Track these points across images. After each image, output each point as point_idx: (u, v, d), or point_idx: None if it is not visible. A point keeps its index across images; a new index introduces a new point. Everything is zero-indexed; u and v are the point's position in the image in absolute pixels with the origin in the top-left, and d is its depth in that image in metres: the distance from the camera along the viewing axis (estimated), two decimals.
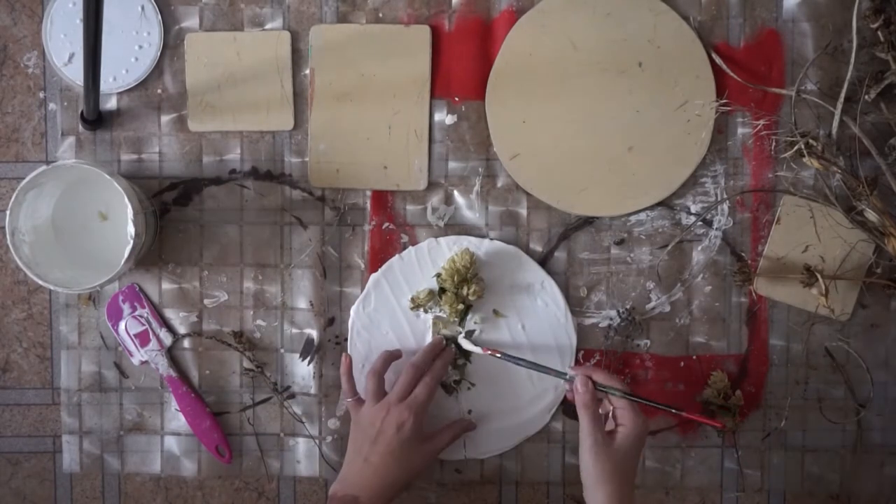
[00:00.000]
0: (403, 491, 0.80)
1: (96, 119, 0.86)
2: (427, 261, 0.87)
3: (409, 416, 0.79)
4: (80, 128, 0.87)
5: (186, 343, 0.89)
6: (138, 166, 0.88)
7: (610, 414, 0.77)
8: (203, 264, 0.88)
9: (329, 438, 0.89)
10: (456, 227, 0.88)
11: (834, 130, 0.83)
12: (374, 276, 0.87)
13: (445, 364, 0.85)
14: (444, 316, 0.86)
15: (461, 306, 0.85)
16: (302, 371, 0.88)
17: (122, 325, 0.88)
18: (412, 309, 0.87)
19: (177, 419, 0.88)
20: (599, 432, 0.75)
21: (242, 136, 0.88)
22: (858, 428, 0.88)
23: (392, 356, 0.84)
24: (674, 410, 0.78)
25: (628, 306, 0.87)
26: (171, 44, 0.87)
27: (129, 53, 0.86)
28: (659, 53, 0.86)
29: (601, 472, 0.73)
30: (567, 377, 0.80)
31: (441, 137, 0.87)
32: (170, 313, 0.89)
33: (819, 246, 0.86)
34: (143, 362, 0.88)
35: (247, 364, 0.89)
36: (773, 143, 0.86)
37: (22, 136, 0.88)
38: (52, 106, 0.88)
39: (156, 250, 0.88)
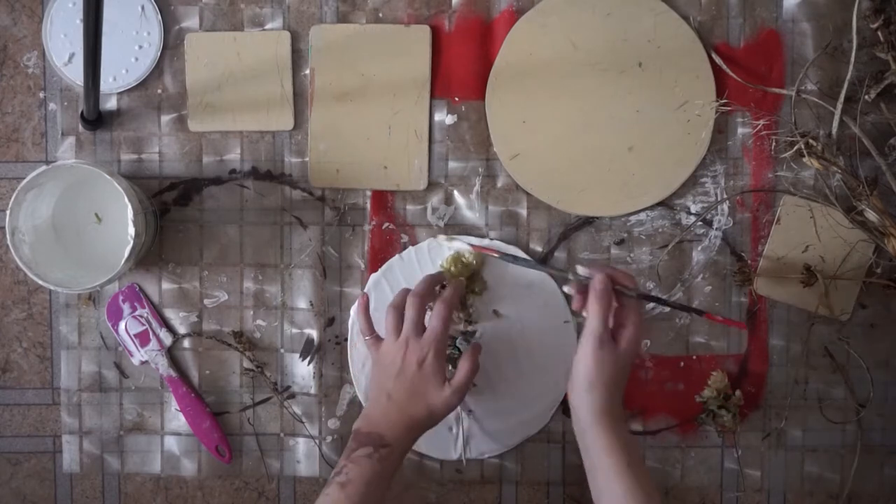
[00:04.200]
0: (428, 429, 0.78)
1: (96, 119, 0.86)
2: (427, 261, 0.87)
3: (429, 351, 0.76)
4: (80, 128, 0.87)
5: (186, 343, 0.89)
6: (138, 166, 0.88)
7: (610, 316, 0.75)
8: (203, 264, 0.88)
9: (329, 438, 0.89)
10: (456, 227, 0.88)
11: (834, 130, 0.83)
12: (374, 276, 0.87)
13: (455, 291, 0.81)
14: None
15: (468, 300, 0.85)
16: (302, 371, 0.88)
17: (122, 325, 0.88)
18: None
19: (177, 419, 0.88)
20: (606, 332, 0.72)
21: (242, 136, 0.88)
22: (858, 428, 0.88)
23: (410, 291, 0.81)
24: (695, 312, 0.78)
25: None
26: (171, 44, 0.87)
27: (129, 53, 0.86)
28: (659, 53, 0.86)
29: (600, 375, 0.71)
30: (570, 276, 0.76)
31: (441, 137, 0.87)
32: (170, 313, 0.89)
33: (819, 246, 0.86)
34: (143, 362, 0.88)
35: (247, 364, 0.89)
36: (773, 143, 0.86)
37: (22, 136, 0.88)
38: (52, 106, 0.88)
39: (156, 250, 0.88)
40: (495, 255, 0.80)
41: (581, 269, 0.76)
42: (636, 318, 0.74)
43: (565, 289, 0.78)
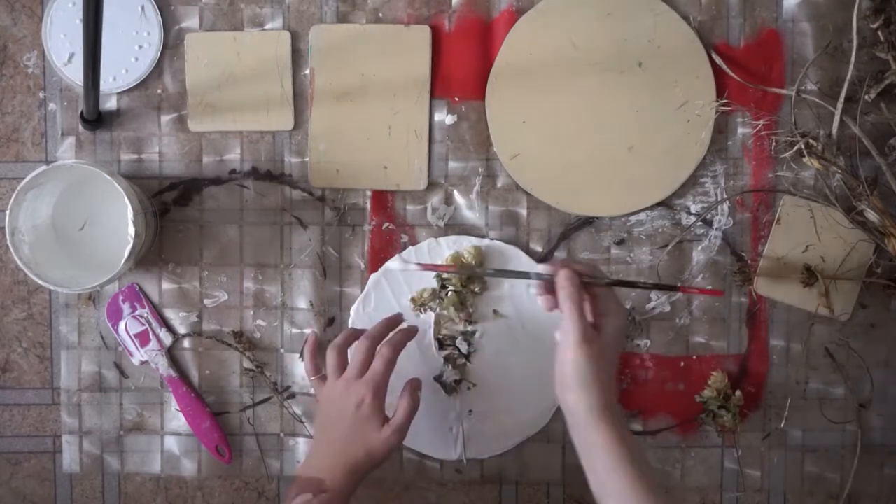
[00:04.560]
0: (367, 475, 0.76)
1: (96, 119, 0.86)
2: (427, 261, 0.87)
3: (368, 393, 0.75)
4: (80, 128, 0.87)
5: (186, 343, 0.89)
6: (138, 166, 0.88)
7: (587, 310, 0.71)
8: (203, 264, 0.88)
9: None
10: (456, 227, 0.88)
11: (834, 130, 0.83)
12: (374, 276, 0.87)
13: (406, 336, 0.79)
14: (447, 314, 0.86)
15: (468, 300, 0.85)
16: (302, 371, 0.88)
17: (122, 325, 0.88)
18: (413, 309, 0.87)
19: (177, 419, 0.88)
20: (587, 327, 0.68)
21: (242, 136, 0.88)
22: (858, 428, 0.88)
23: (356, 333, 0.80)
24: (668, 289, 0.74)
25: (628, 306, 0.87)
26: (171, 44, 0.87)
27: (129, 53, 0.86)
28: (659, 53, 0.86)
29: (592, 370, 0.67)
30: (533, 276, 0.72)
31: (441, 137, 0.87)
32: (170, 313, 0.89)
33: (819, 246, 0.86)
34: (143, 362, 0.88)
35: (247, 364, 0.89)
36: (773, 143, 0.86)
37: (22, 136, 0.88)
38: (52, 106, 0.88)
39: (156, 250, 0.88)
40: (449, 271, 0.80)
41: (542, 268, 0.72)
42: (615, 306, 0.71)
43: (531, 290, 0.74)
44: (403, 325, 0.82)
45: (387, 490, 0.89)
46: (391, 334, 0.80)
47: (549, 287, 0.71)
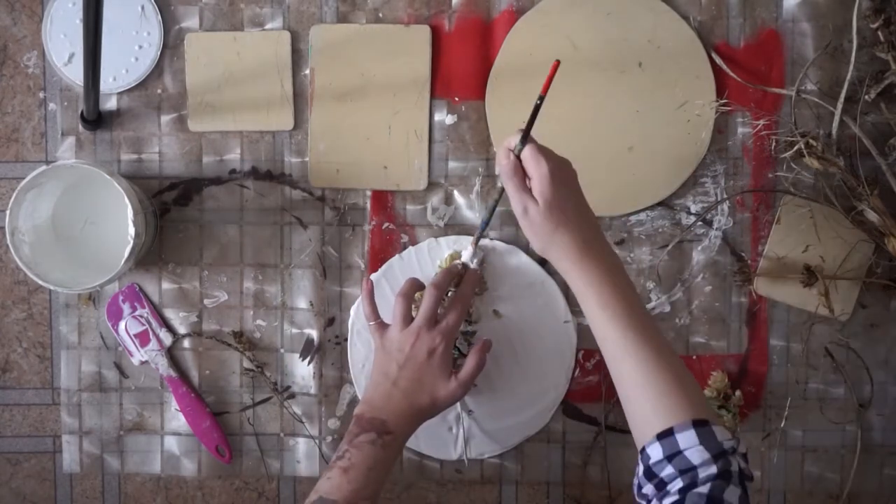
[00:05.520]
0: (429, 419, 0.78)
1: (96, 119, 0.86)
2: (427, 261, 0.87)
3: (441, 342, 0.77)
4: (80, 128, 0.87)
5: (186, 343, 0.89)
6: (138, 166, 0.88)
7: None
8: (203, 264, 0.88)
9: (329, 438, 0.89)
10: (456, 227, 0.88)
11: (834, 130, 0.83)
12: (374, 275, 0.87)
13: (472, 286, 0.81)
14: None
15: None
16: (302, 371, 0.88)
17: (122, 325, 0.88)
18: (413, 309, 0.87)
19: (177, 419, 0.88)
20: (527, 197, 0.70)
21: (242, 136, 0.88)
22: (858, 428, 0.88)
23: (420, 284, 0.81)
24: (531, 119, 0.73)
25: None
26: (171, 44, 0.87)
27: (129, 53, 0.86)
28: (659, 53, 0.86)
29: (545, 230, 0.69)
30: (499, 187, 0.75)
31: (441, 137, 0.87)
32: (170, 313, 0.89)
33: (819, 246, 0.86)
34: (143, 362, 0.88)
35: (247, 364, 0.89)
36: (773, 143, 0.86)
37: (22, 136, 0.88)
38: (52, 106, 0.88)
39: (156, 250, 0.88)
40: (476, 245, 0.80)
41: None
42: (534, 162, 0.70)
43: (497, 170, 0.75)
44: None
45: (387, 490, 0.89)
46: (461, 287, 0.80)
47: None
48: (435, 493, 0.89)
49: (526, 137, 0.72)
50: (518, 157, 0.71)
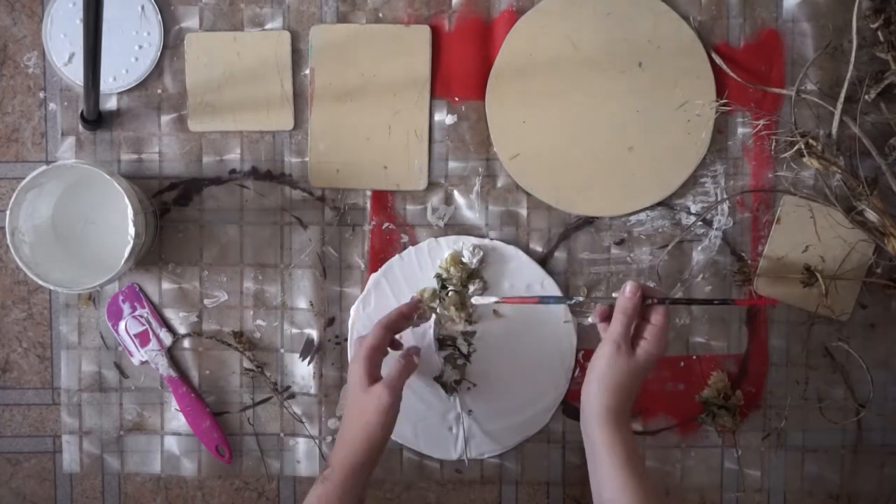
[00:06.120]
0: (384, 426, 0.74)
1: (96, 119, 0.86)
2: (427, 261, 0.87)
3: (353, 362, 0.77)
4: (80, 128, 0.87)
5: (186, 343, 0.89)
6: (138, 166, 0.88)
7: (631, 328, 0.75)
8: (203, 264, 0.88)
9: (329, 438, 0.89)
10: (456, 227, 0.88)
11: (834, 130, 0.83)
12: (374, 276, 0.87)
13: (398, 316, 0.81)
14: (447, 314, 0.86)
15: (469, 300, 0.85)
16: (302, 371, 0.88)
17: (122, 325, 0.88)
18: None
19: (177, 419, 0.88)
20: (626, 339, 0.73)
21: (242, 136, 0.88)
22: (858, 428, 0.88)
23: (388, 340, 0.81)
24: (722, 303, 0.82)
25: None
26: (171, 44, 0.87)
27: (129, 53, 0.86)
28: (659, 53, 0.86)
29: (612, 377, 0.73)
30: (572, 301, 0.79)
31: (441, 137, 0.87)
32: (170, 313, 0.89)
33: (819, 246, 0.86)
34: (143, 362, 0.88)
35: (247, 364, 0.89)
36: (773, 143, 0.86)
37: (22, 136, 0.88)
38: (52, 106, 0.88)
39: (156, 250, 0.88)
40: (534, 301, 0.82)
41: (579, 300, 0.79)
42: (659, 336, 0.74)
43: (590, 319, 0.80)
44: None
45: (387, 490, 0.89)
46: (387, 315, 0.81)
47: (610, 312, 0.76)
48: (435, 493, 0.89)
49: (665, 300, 0.75)
50: (641, 300, 0.74)
